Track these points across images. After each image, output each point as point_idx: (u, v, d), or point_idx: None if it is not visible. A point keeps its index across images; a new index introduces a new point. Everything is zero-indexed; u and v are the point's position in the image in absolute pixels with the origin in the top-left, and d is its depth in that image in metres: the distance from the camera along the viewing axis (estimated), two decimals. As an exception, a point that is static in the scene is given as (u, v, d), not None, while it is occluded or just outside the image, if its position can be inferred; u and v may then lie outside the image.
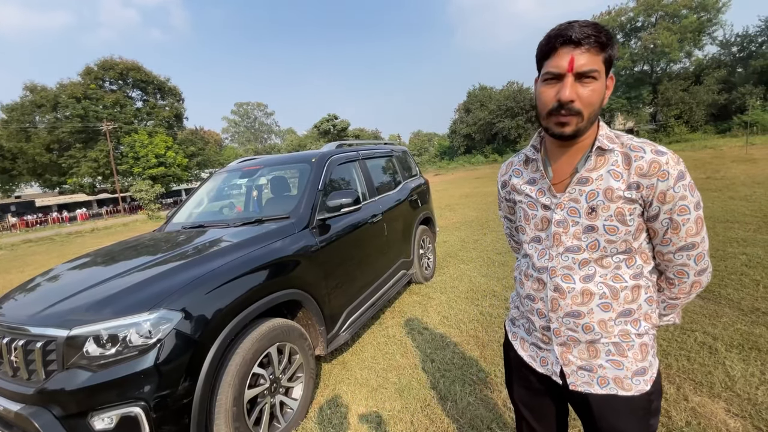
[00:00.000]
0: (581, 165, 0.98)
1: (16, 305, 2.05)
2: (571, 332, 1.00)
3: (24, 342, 1.72)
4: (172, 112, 41.49)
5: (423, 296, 4.13)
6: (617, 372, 0.98)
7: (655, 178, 0.90)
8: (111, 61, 37.85)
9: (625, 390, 0.97)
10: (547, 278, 1.02)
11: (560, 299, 1.00)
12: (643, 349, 0.99)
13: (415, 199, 4.40)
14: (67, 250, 13.27)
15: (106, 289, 1.92)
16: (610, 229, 0.94)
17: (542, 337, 1.07)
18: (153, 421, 1.62)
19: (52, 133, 34.53)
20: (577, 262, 0.98)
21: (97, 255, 2.72)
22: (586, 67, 0.87)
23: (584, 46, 0.86)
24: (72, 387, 1.60)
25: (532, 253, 1.08)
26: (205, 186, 3.67)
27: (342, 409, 2.41)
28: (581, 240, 0.97)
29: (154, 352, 1.66)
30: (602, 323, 0.97)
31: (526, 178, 1.10)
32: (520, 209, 1.12)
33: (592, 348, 1.00)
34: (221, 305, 1.93)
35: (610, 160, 0.94)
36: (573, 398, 1.05)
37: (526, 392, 1.18)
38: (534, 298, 1.07)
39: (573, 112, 0.90)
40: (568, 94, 0.88)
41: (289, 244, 2.45)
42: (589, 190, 0.95)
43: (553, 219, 1.01)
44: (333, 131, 48.24)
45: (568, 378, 1.02)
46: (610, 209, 0.93)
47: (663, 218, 0.94)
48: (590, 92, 0.89)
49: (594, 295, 0.97)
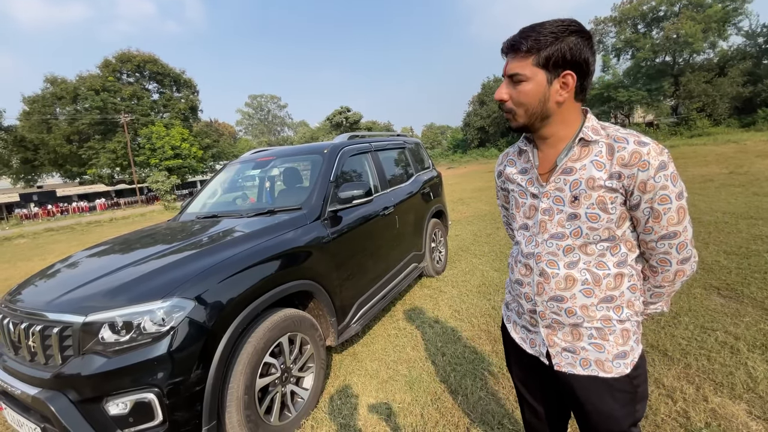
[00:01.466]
0: (563, 155, 1.03)
1: (35, 291, 2.10)
2: (555, 315, 1.06)
3: (41, 327, 1.76)
4: (187, 105, 41.97)
5: (434, 290, 4.11)
6: (598, 354, 1.02)
7: (635, 168, 0.93)
8: (128, 54, 38.41)
9: (605, 372, 1.02)
10: (534, 263, 1.08)
11: (545, 284, 1.05)
12: (625, 334, 1.03)
13: (428, 192, 4.35)
14: (86, 239, 13.63)
15: (121, 277, 1.95)
16: (592, 216, 0.98)
17: (530, 320, 1.14)
18: (166, 407, 1.65)
19: (72, 125, 35.33)
20: (561, 248, 1.03)
21: (114, 243, 2.76)
22: (512, 70, 0.98)
23: (513, 52, 0.98)
24: (87, 372, 1.63)
25: (521, 240, 1.14)
26: (219, 177, 3.69)
27: (352, 399, 2.41)
28: (565, 227, 1.02)
29: (168, 339, 1.68)
30: (584, 308, 1.02)
31: (519, 168, 1.16)
32: (513, 198, 1.18)
33: (575, 331, 1.05)
34: (234, 294, 1.94)
35: (594, 150, 0.98)
36: (559, 379, 1.10)
37: (522, 372, 1.26)
38: (522, 282, 1.13)
39: (506, 110, 1.03)
40: (496, 94, 1.03)
41: (300, 235, 2.44)
42: (573, 180, 1.00)
43: (540, 207, 1.06)
44: (345, 124, 48.20)
45: (553, 359, 1.08)
46: (592, 197, 0.97)
47: (644, 207, 0.97)
48: (518, 92, 0.99)
49: (577, 281, 1.02)
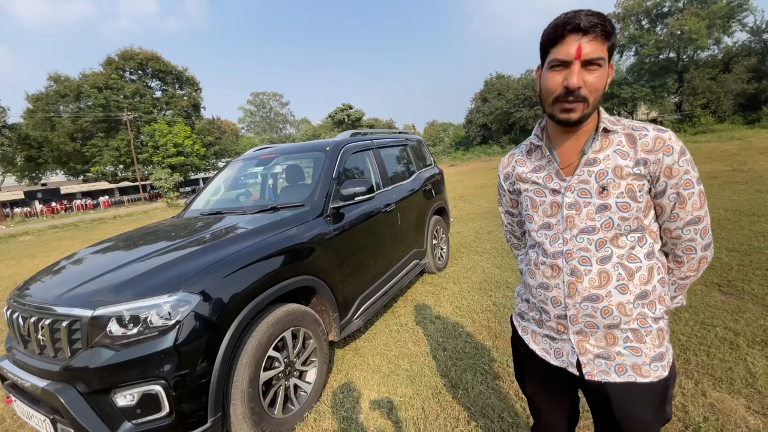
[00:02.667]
0: (588, 147, 1.00)
1: (43, 286, 2.13)
2: (589, 318, 1.00)
3: (50, 321, 1.79)
4: (190, 102, 42.00)
5: (436, 286, 4.13)
6: (635, 359, 0.98)
7: (660, 153, 0.93)
8: (131, 52, 38.42)
9: (643, 377, 0.97)
10: (563, 262, 1.02)
11: (577, 283, 1.00)
12: (660, 334, 0.99)
13: (429, 189, 4.37)
14: (91, 236, 13.72)
15: (128, 272, 1.99)
16: (623, 206, 0.96)
17: (557, 326, 1.06)
18: (172, 399, 1.68)
19: (76, 123, 35.41)
20: (593, 242, 0.98)
21: (119, 240, 2.80)
22: (592, 54, 0.90)
23: (591, 34, 0.89)
24: (96, 365, 1.67)
25: (542, 241, 1.07)
26: (223, 174, 3.72)
27: (354, 393, 2.45)
28: (595, 220, 0.98)
29: (174, 333, 1.71)
30: (621, 306, 0.97)
31: (531, 167, 1.12)
32: (526, 198, 1.12)
33: (609, 335, 1.00)
34: (238, 289, 1.97)
35: (614, 141, 0.98)
36: (588, 388, 1.04)
37: (538, 386, 1.19)
38: (548, 286, 1.06)
39: (579, 99, 0.92)
40: (576, 81, 0.90)
41: (303, 231, 2.47)
42: (598, 170, 0.98)
43: (564, 202, 1.02)
44: (347, 121, 48.14)
45: (584, 367, 1.02)
46: (621, 186, 0.95)
47: (670, 193, 0.97)
48: (596, 78, 0.92)
49: (611, 277, 0.97)
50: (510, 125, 39.55)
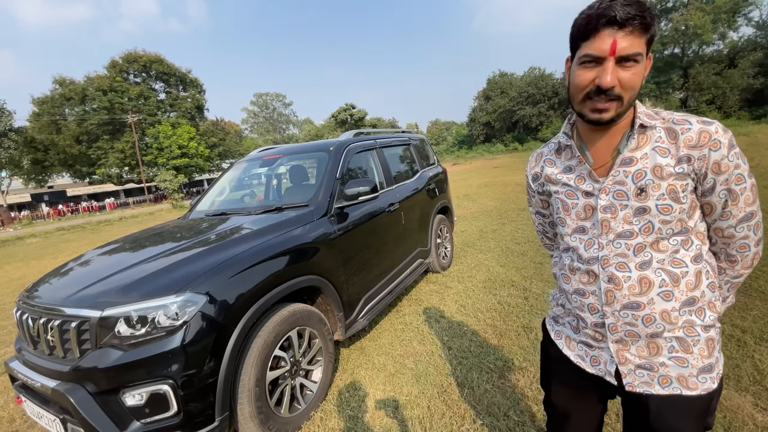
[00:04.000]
0: (623, 145, 0.92)
1: (52, 288, 2.16)
2: (630, 326, 0.92)
3: (60, 322, 1.82)
4: (193, 104, 42.27)
5: (440, 285, 4.14)
6: (681, 370, 0.90)
7: (706, 148, 0.85)
8: (135, 54, 38.70)
9: (690, 389, 0.90)
10: (599, 269, 0.95)
11: (615, 290, 0.92)
12: (710, 343, 0.91)
13: (433, 188, 4.37)
14: (97, 238, 13.84)
15: (135, 273, 2.01)
16: (664, 208, 0.88)
17: (594, 334, 0.99)
18: (180, 399, 1.70)
19: (81, 125, 35.76)
20: (631, 247, 0.91)
21: (125, 241, 2.83)
22: (629, 50, 0.81)
23: (628, 27, 0.80)
24: (104, 365, 1.69)
25: (576, 245, 1.00)
26: (227, 175, 3.74)
27: (360, 392, 2.46)
28: (632, 224, 0.91)
29: (181, 333, 1.73)
30: (665, 314, 0.90)
31: (561, 167, 1.04)
32: (557, 200, 1.05)
33: (652, 344, 0.92)
34: (244, 289, 1.99)
35: (653, 137, 0.89)
36: (627, 397, 0.98)
37: (568, 394, 1.11)
38: (584, 292, 0.99)
39: (613, 98, 0.84)
40: (609, 80, 0.82)
41: (308, 231, 2.48)
42: (636, 170, 0.89)
43: (599, 205, 0.94)
44: (350, 121, 48.17)
45: (625, 378, 0.95)
46: (662, 187, 0.87)
47: (720, 190, 0.89)
48: (632, 76, 0.83)
49: (653, 284, 0.90)
50: (513, 123, 39.37)
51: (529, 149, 32.88)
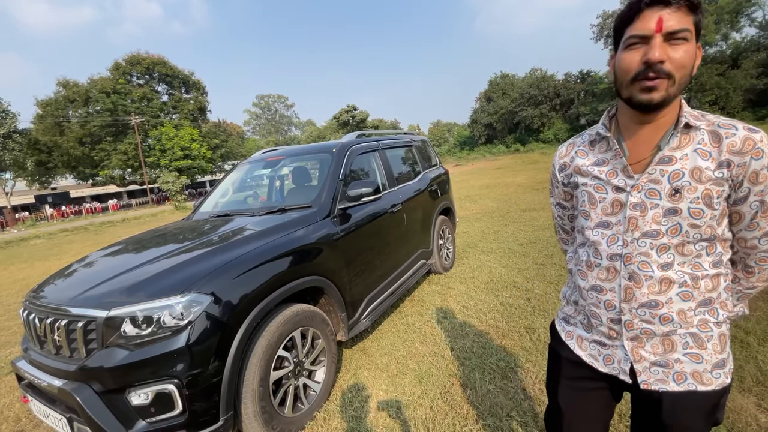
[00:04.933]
0: (665, 143, 0.90)
1: (57, 289, 2.18)
2: (646, 324, 0.93)
3: (66, 322, 1.84)
4: (196, 106, 42.38)
5: (442, 286, 4.14)
6: (695, 366, 0.91)
7: (748, 156, 0.84)
8: (138, 56, 38.85)
9: (704, 385, 0.91)
10: (621, 266, 0.94)
11: (635, 288, 0.92)
12: (722, 339, 0.93)
13: (435, 189, 4.39)
14: (100, 239, 13.91)
15: (140, 274, 2.02)
16: (696, 212, 0.87)
17: (608, 332, 0.99)
18: (185, 398, 1.72)
19: (84, 127, 35.88)
20: (655, 247, 0.90)
21: (128, 242, 2.85)
22: (677, 25, 0.79)
23: (674, 5, 0.79)
24: (111, 364, 1.70)
25: (598, 240, 0.98)
26: (231, 176, 3.76)
27: (363, 393, 2.47)
28: (661, 224, 0.89)
29: (186, 333, 1.75)
30: (682, 313, 0.91)
31: (593, 159, 1.01)
32: (584, 193, 1.02)
33: (667, 341, 0.93)
34: (247, 290, 2.00)
35: (696, 138, 0.88)
36: (640, 395, 0.98)
37: (576, 395, 1.09)
38: (602, 288, 0.98)
39: (663, 74, 0.81)
40: (658, 54, 0.79)
41: (311, 232, 2.50)
42: (673, 170, 0.87)
43: (629, 202, 0.92)
44: (352, 122, 48.26)
45: (640, 376, 0.95)
46: (698, 191, 0.86)
47: (753, 201, 0.88)
48: (683, 53, 0.80)
49: (673, 284, 0.90)
50: (515, 124, 39.36)
51: (531, 150, 32.84)
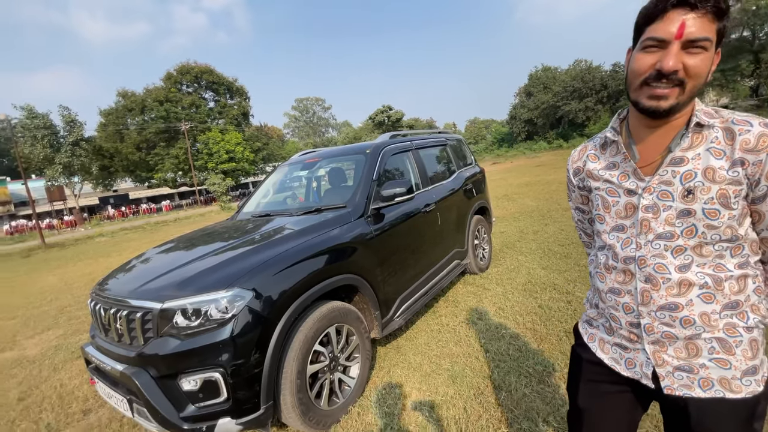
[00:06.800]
0: (675, 144, 0.87)
1: (119, 282, 2.40)
2: (667, 327, 0.89)
3: (127, 312, 2.02)
4: (240, 111, 44.42)
5: (478, 287, 4.09)
6: (723, 372, 0.86)
7: (764, 153, 0.80)
8: (187, 66, 41.39)
9: (733, 392, 0.86)
10: (636, 268, 0.92)
11: (653, 291, 0.90)
12: (754, 344, 0.87)
13: (470, 188, 4.34)
14: (155, 237, 14.98)
15: (190, 270, 2.19)
16: (711, 213, 0.83)
17: (629, 335, 0.96)
18: (230, 386, 1.84)
19: (141, 134, 38.77)
20: (670, 249, 0.88)
21: (180, 240, 3.07)
22: (698, 34, 0.76)
23: (701, 10, 0.75)
24: (164, 352, 1.86)
25: (614, 243, 0.98)
26: (271, 178, 3.94)
27: (396, 390, 2.50)
28: (675, 226, 0.87)
29: (230, 325, 1.87)
30: (705, 316, 0.86)
31: (605, 163, 1.01)
32: (597, 197, 1.02)
33: (691, 345, 0.88)
34: (286, 286, 2.11)
35: (709, 137, 0.84)
36: (665, 401, 0.94)
37: (598, 400, 1.06)
38: (619, 291, 0.96)
39: (675, 83, 0.80)
40: (672, 64, 0.77)
41: (345, 231, 2.57)
42: (685, 171, 0.85)
43: (641, 204, 0.91)
44: (387, 122, 48.46)
45: (663, 380, 0.91)
46: (712, 191, 0.83)
47: None
48: (699, 62, 0.78)
49: (693, 285, 0.86)
50: (557, 119, 37.78)
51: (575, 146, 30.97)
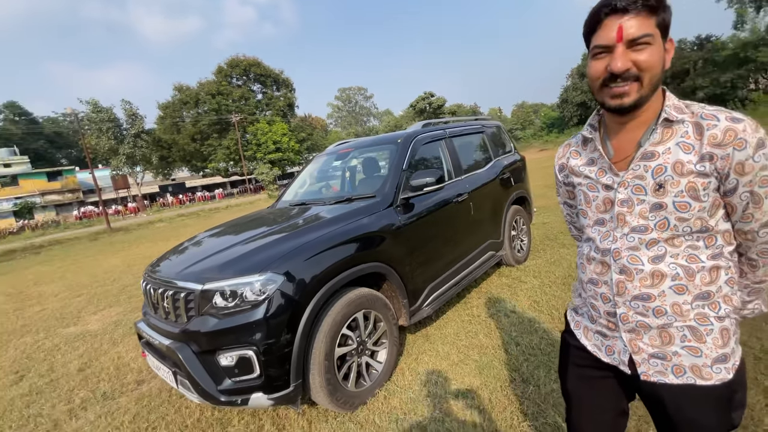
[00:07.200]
0: (645, 139, 0.91)
1: (169, 264, 2.62)
2: (641, 317, 0.93)
3: (172, 292, 2.21)
4: (285, 102, 45.84)
5: (513, 279, 3.99)
6: (695, 360, 0.90)
7: (730, 147, 0.82)
8: (237, 59, 43.20)
9: (704, 379, 0.89)
10: (611, 260, 0.96)
11: (627, 281, 0.94)
12: (725, 333, 0.89)
13: (508, 177, 4.20)
14: (209, 222, 16.03)
15: (229, 254, 2.34)
16: (681, 206, 0.86)
17: (607, 323, 1.01)
18: (262, 363, 1.97)
19: (195, 126, 41.30)
20: (644, 242, 0.91)
21: (224, 226, 3.28)
22: (637, 33, 0.81)
23: (632, 12, 0.81)
24: (205, 330, 2.02)
25: (595, 236, 1.02)
26: (308, 168, 4.07)
27: (422, 377, 2.54)
28: (648, 219, 0.90)
29: (263, 307, 1.99)
30: (676, 306, 0.90)
31: (585, 159, 1.05)
32: (580, 192, 1.07)
33: (664, 333, 0.92)
34: (316, 272, 2.19)
35: (679, 131, 0.87)
36: (643, 389, 0.98)
37: (584, 384, 1.12)
38: (597, 282, 1.01)
39: (631, 79, 0.83)
40: (621, 65, 0.82)
41: (374, 221, 2.62)
42: (656, 165, 0.88)
43: (617, 199, 0.95)
44: (428, 109, 47.70)
45: (639, 367, 0.95)
46: (681, 184, 0.85)
47: (742, 192, 0.85)
48: (647, 56, 0.82)
49: (665, 276, 0.89)
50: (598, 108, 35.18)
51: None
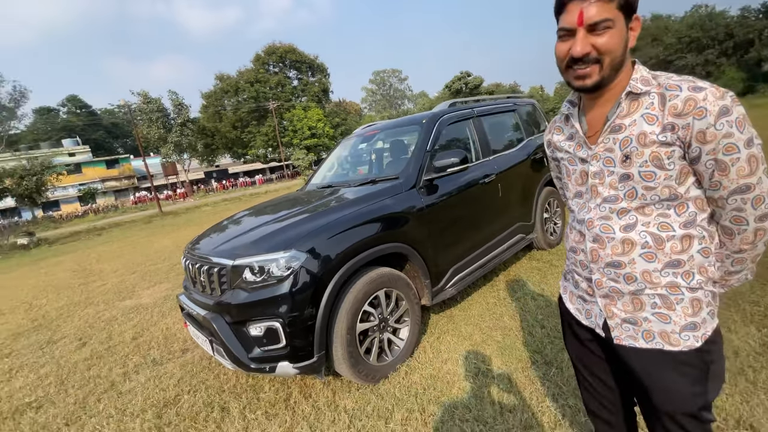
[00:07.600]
0: (612, 113, 0.95)
1: (206, 241, 2.80)
2: (613, 283, 0.99)
3: (207, 267, 2.38)
4: (320, 87, 46.16)
5: (544, 263, 3.90)
6: (663, 326, 0.94)
7: (690, 116, 0.83)
8: (273, 47, 43.89)
9: (671, 345, 0.93)
10: (586, 229, 1.03)
11: (599, 249, 1.00)
12: (696, 304, 0.93)
13: (541, 158, 4.05)
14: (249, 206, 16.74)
15: (259, 233, 2.48)
16: (647, 175, 0.90)
17: (587, 288, 1.08)
18: (287, 334, 2.10)
19: (236, 114, 42.67)
20: (615, 211, 0.97)
21: (258, 207, 3.46)
22: (597, 17, 0.84)
23: None
24: (236, 302, 2.17)
25: (575, 208, 1.10)
26: (335, 152, 4.15)
27: (444, 355, 2.58)
28: (618, 189, 0.96)
29: (288, 282, 2.11)
30: (646, 273, 0.94)
31: (566, 135, 1.11)
32: (563, 166, 1.13)
33: (636, 300, 0.97)
34: (338, 250, 2.28)
35: (644, 103, 0.90)
36: (617, 352, 1.03)
37: (578, 346, 1.19)
38: (576, 250, 1.09)
39: (591, 62, 0.89)
40: (580, 50, 0.87)
41: (397, 202, 2.65)
42: (623, 138, 0.92)
43: (590, 171, 1.01)
44: (465, 90, 46.28)
45: (612, 331, 1.02)
46: (645, 155, 0.89)
47: (706, 160, 0.86)
48: (607, 39, 0.86)
49: (635, 245, 0.94)
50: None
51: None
